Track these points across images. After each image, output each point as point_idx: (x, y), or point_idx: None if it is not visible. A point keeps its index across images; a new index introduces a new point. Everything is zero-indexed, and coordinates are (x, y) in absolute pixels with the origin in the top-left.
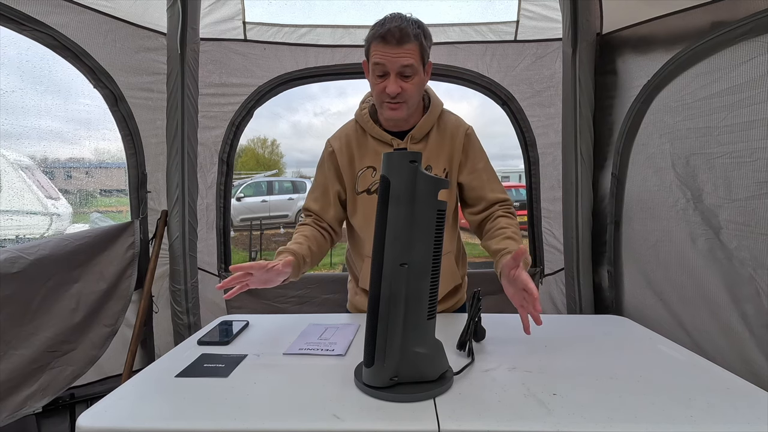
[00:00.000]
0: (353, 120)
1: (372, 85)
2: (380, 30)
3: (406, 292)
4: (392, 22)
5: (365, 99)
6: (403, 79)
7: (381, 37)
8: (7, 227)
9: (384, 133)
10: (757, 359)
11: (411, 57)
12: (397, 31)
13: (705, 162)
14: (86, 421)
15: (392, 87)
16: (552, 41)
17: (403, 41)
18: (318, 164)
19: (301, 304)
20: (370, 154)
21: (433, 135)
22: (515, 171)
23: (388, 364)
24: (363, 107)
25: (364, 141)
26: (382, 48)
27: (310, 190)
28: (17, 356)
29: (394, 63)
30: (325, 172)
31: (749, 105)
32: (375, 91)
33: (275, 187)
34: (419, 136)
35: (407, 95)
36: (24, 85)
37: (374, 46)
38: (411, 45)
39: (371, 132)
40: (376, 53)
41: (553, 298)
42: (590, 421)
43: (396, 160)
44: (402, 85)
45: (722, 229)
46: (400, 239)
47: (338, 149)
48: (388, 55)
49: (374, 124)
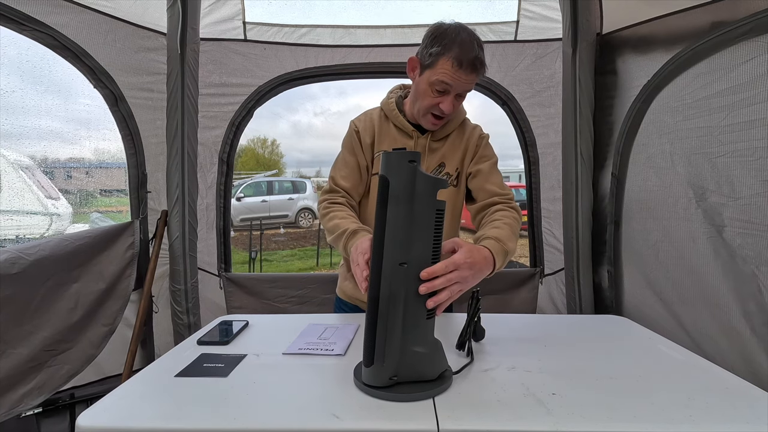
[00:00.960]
0: (378, 107)
1: (423, 93)
2: (460, 54)
3: (406, 292)
4: (471, 49)
5: (393, 89)
6: (457, 99)
7: (459, 62)
8: (7, 227)
9: (407, 123)
10: (758, 358)
11: (473, 84)
12: (475, 61)
13: (707, 161)
14: (86, 420)
15: (449, 107)
16: (552, 41)
17: (475, 71)
18: (343, 143)
19: (301, 304)
20: (389, 141)
21: (453, 136)
22: (515, 171)
23: (388, 364)
24: (390, 97)
25: (386, 127)
26: (454, 71)
27: (336, 167)
28: (15, 355)
29: (460, 87)
30: (353, 149)
31: (749, 105)
32: (426, 101)
33: (275, 187)
34: (441, 135)
35: (454, 113)
36: (24, 85)
37: (447, 65)
38: (478, 74)
39: (395, 121)
40: (446, 73)
41: (553, 298)
42: (590, 421)
43: (395, 160)
44: (455, 105)
45: (725, 227)
46: (400, 239)
47: (362, 130)
48: (460, 80)
49: (399, 114)
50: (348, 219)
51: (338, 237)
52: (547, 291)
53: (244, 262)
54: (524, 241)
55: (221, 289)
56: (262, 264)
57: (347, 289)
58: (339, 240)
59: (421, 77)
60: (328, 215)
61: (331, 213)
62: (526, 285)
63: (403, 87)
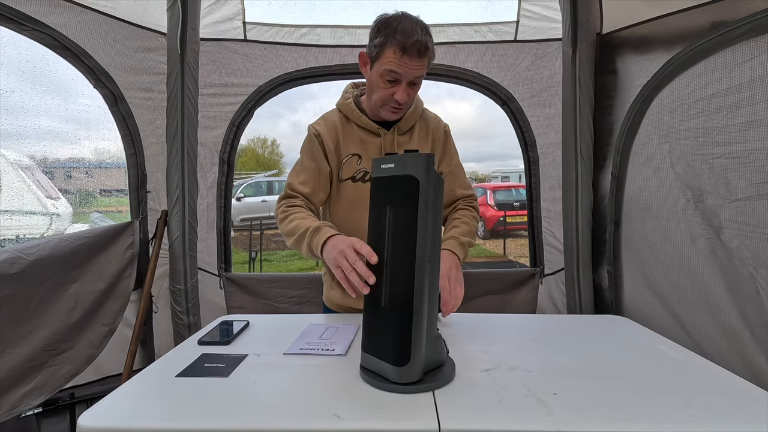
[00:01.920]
0: (335, 110)
1: (376, 86)
2: (402, 40)
3: (430, 286)
4: (413, 34)
5: (347, 90)
6: (411, 87)
7: (402, 48)
8: (7, 227)
9: (371, 122)
10: (757, 359)
11: (423, 69)
12: (420, 46)
13: (704, 162)
14: (87, 420)
15: (403, 96)
16: (552, 41)
17: (422, 55)
18: (302, 149)
19: (301, 304)
20: (355, 143)
21: (417, 129)
22: (515, 171)
23: (420, 359)
24: (346, 97)
25: (349, 129)
26: (400, 58)
27: (295, 172)
28: (15, 355)
29: (409, 74)
30: (314, 155)
31: (748, 105)
32: (381, 94)
33: (275, 187)
34: (405, 128)
35: (410, 101)
36: (24, 85)
37: (392, 53)
38: (426, 58)
39: (357, 121)
40: (392, 61)
41: (553, 298)
42: (591, 421)
43: (424, 162)
44: (409, 93)
45: (723, 228)
46: (430, 236)
47: (324, 133)
48: (406, 66)
49: (360, 114)
50: (308, 218)
51: (300, 237)
52: (547, 291)
53: (244, 262)
54: (524, 241)
55: (221, 289)
56: (262, 264)
57: (335, 297)
58: (302, 240)
59: (372, 71)
60: (286, 219)
61: (289, 216)
62: (526, 285)
63: (356, 86)
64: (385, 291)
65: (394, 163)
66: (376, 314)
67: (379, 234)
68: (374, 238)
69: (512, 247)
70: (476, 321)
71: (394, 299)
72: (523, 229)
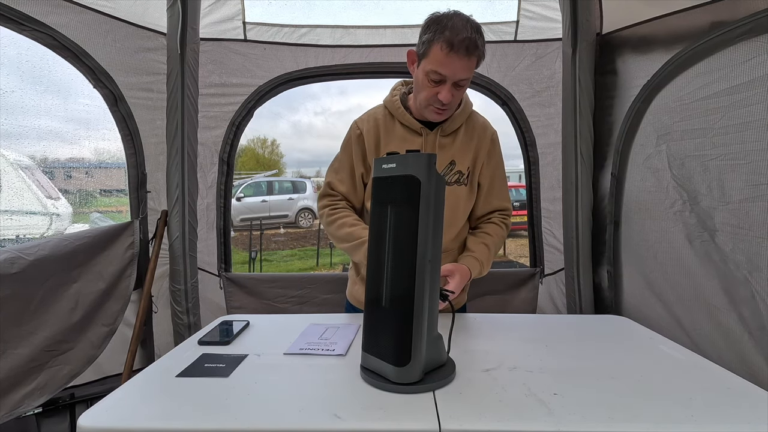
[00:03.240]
0: (381, 105)
1: (421, 85)
2: (450, 37)
3: (431, 285)
4: (463, 31)
5: (396, 87)
6: (457, 88)
7: (450, 45)
8: (7, 227)
9: (414, 121)
10: (756, 361)
11: (470, 70)
12: (468, 44)
13: (700, 164)
14: (87, 420)
15: (447, 96)
16: (552, 41)
17: (471, 55)
18: (343, 144)
19: (301, 304)
20: (396, 141)
21: (462, 132)
22: (515, 171)
23: (421, 358)
24: (394, 94)
25: (392, 127)
26: (447, 57)
27: (334, 168)
28: (15, 355)
29: (455, 74)
30: (351, 154)
31: (746, 106)
32: (425, 93)
33: (275, 187)
34: (449, 130)
35: (455, 102)
36: (24, 85)
37: (439, 51)
38: (475, 58)
39: (401, 119)
40: (438, 60)
41: (553, 298)
42: (591, 421)
43: (426, 162)
44: (454, 94)
45: (717, 231)
46: (430, 236)
47: (366, 131)
48: (453, 65)
49: (405, 111)
50: (359, 226)
51: (356, 247)
52: (547, 291)
53: (244, 262)
54: (524, 241)
55: (221, 289)
56: (262, 264)
57: (357, 293)
58: (357, 250)
59: (418, 69)
60: (335, 222)
61: (338, 220)
62: (526, 285)
63: (405, 83)
64: (386, 291)
65: (395, 163)
66: (377, 314)
67: (380, 234)
68: (375, 238)
69: (512, 247)
70: (476, 321)
71: (395, 299)
72: (523, 229)
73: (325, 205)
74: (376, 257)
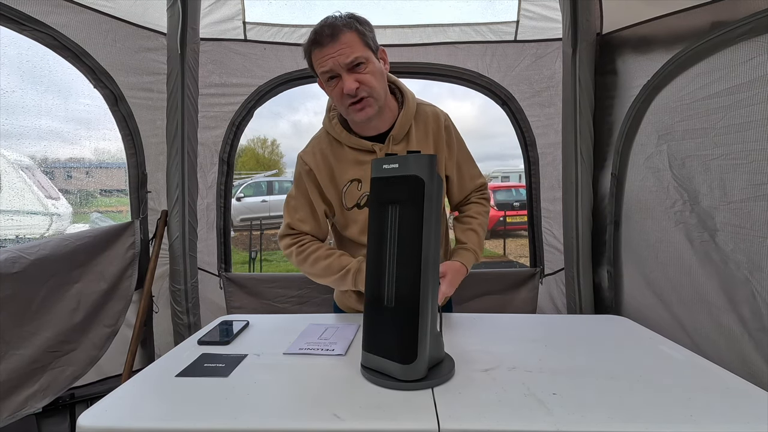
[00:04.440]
0: (323, 132)
1: (330, 94)
2: (312, 37)
3: (432, 283)
4: (321, 24)
5: (330, 107)
6: (356, 73)
7: (315, 42)
8: (7, 227)
9: (362, 141)
10: (756, 361)
11: (352, 48)
12: (327, 29)
13: (701, 164)
14: (87, 420)
15: (348, 84)
16: (552, 41)
17: (336, 36)
18: (295, 181)
19: (301, 304)
20: (351, 167)
21: (414, 132)
22: (515, 171)
23: (425, 355)
24: (332, 116)
25: (341, 153)
26: (320, 52)
27: (293, 207)
28: (18, 356)
29: (338, 61)
30: (306, 192)
31: (747, 106)
32: (336, 97)
33: (275, 187)
34: (400, 135)
35: (368, 88)
36: (24, 85)
37: (314, 55)
38: (347, 36)
39: (347, 142)
40: (317, 60)
41: (553, 298)
42: (590, 421)
43: (427, 162)
44: (357, 78)
45: (718, 231)
46: (434, 235)
47: (316, 167)
48: (329, 55)
49: (349, 134)
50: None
51: (341, 278)
52: (547, 291)
53: (244, 262)
54: (524, 241)
55: (221, 289)
56: (262, 264)
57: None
58: (343, 280)
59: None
60: (307, 259)
61: (310, 256)
62: (526, 285)
63: None
64: (389, 290)
65: (397, 164)
66: (379, 313)
67: (382, 233)
68: (376, 238)
69: (512, 247)
70: (476, 321)
71: (400, 298)
72: (523, 229)
73: (289, 244)
74: (378, 257)
